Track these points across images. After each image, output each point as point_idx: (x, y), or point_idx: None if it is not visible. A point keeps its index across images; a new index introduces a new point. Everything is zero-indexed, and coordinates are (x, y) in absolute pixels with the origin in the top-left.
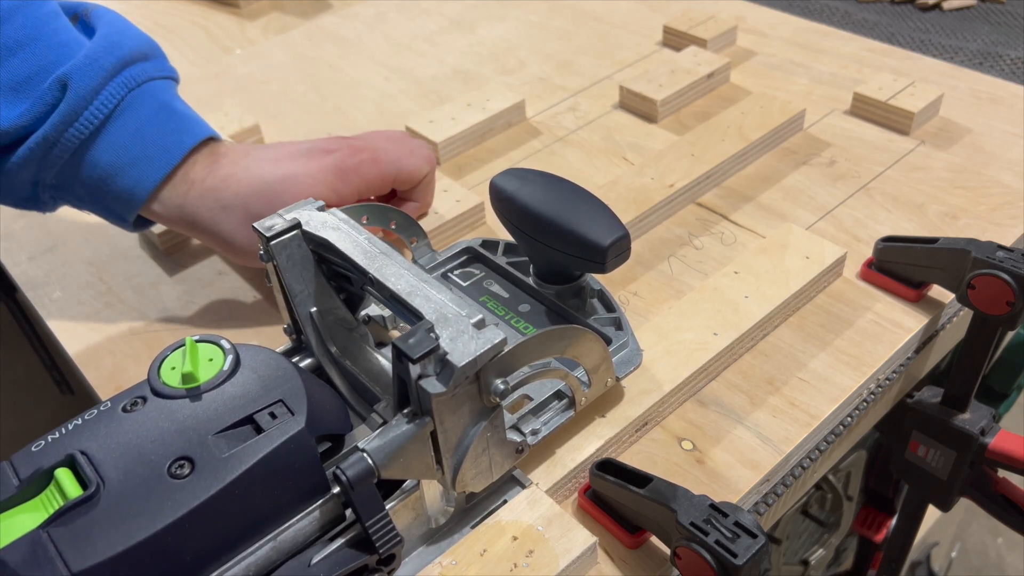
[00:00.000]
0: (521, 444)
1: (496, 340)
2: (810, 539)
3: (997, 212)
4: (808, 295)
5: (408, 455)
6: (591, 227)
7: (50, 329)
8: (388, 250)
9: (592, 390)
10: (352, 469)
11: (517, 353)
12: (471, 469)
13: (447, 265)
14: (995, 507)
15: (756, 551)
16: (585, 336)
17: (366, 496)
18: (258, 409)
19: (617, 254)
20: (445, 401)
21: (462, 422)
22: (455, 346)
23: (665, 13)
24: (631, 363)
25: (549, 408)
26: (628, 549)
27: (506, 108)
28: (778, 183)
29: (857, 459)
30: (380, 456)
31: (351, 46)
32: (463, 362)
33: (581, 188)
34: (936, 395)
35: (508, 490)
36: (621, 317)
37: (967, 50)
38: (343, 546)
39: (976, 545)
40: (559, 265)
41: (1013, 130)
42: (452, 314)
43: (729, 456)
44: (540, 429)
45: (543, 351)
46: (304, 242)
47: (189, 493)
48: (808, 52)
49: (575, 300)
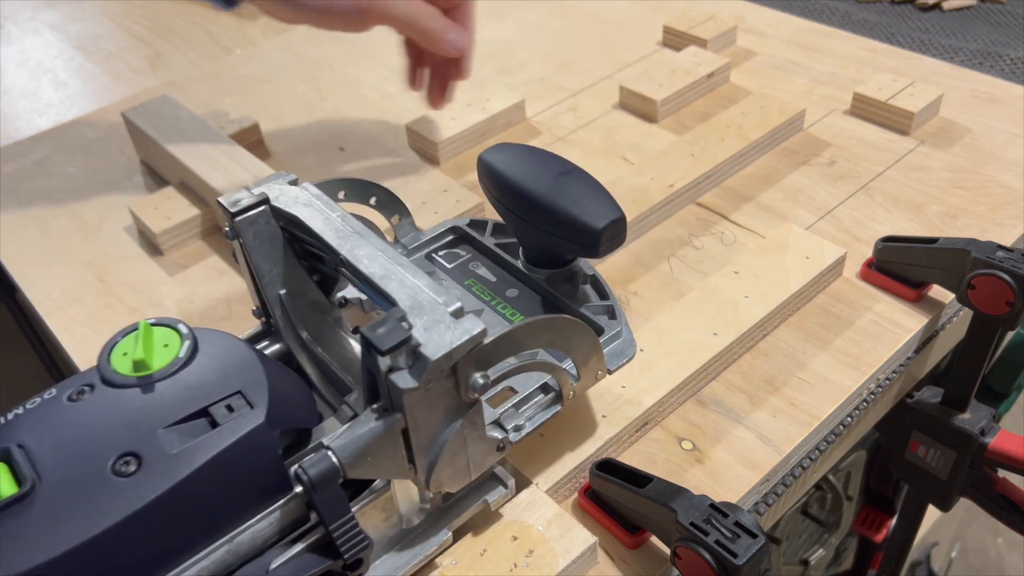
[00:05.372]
0: (502, 441)
1: (475, 331)
2: (810, 539)
3: (997, 212)
4: (808, 295)
5: (377, 454)
6: (584, 208)
7: (50, 329)
8: (362, 229)
9: (581, 384)
10: (315, 468)
11: (499, 345)
12: (447, 468)
13: (432, 245)
14: (995, 507)
15: (756, 551)
16: (574, 326)
17: (330, 497)
18: (214, 401)
19: (611, 238)
20: (418, 397)
21: (437, 419)
22: (430, 337)
23: (665, 13)
24: (624, 355)
25: (534, 402)
26: (628, 549)
27: (506, 108)
28: (778, 183)
29: (857, 459)
30: (346, 454)
31: (351, 46)
32: (437, 355)
33: (575, 166)
34: (936, 395)
35: (489, 489)
36: (615, 305)
37: (967, 50)
38: (305, 550)
39: (976, 545)
40: (549, 248)
41: (1013, 130)
42: (428, 301)
43: (729, 456)
44: (524, 425)
45: (528, 342)
46: (273, 219)
47: (133, 493)
48: (808, 52)
49: (567, 286)
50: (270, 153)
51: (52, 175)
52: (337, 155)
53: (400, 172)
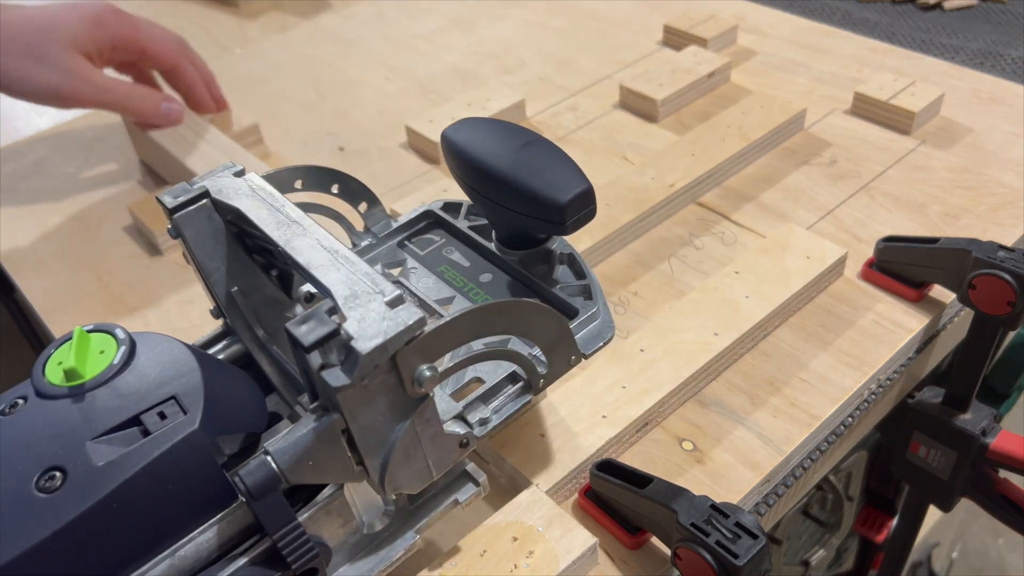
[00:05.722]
0: (465, 437)
1: (411, 321)
2: (811, 540)
3: (998, 212)
4: (809, 295)
5: (318, 457)
6: (548, 182)
7: (49, 329)
8: (303, 218)
9: (552, 371)
10: (252, 476)
11: (444, 334)
12: (402, 469)
13: (403, 233)
14: (996, 508)
15: (757, 552)
16: (532, 310)
17: (271, 505)
18: (146, 408)
19: (578, 211)
20: (354, 394)
21: (383, 416)
22: (362, 329)
23: (665, 12)
24: (601, 337)
25: (503, 393)
26: (628, 550)
27: (506, 108)
28: (779, 183)
29: (858, 459)
30: (285, 459)
31: (351, 46)
32: (369, 348)
33: (540, 137)
34: (937, 395)
35: (459, 487)
36: (592, 285)
37: (968, 50)
38: (251, 562)
39: (977, 546)
40: (518, 227)
41: (1014, 130)
42: (364, 291)
43: (730, 456)
44: (490, 418)
45: (479, 330)
46: (216, 213)
47: (57, 509)
48: (809, 52)
49: (542, 267)
50: (270, 153)
51: (51, 175)
52: (337, 155)
53: (400, 172)
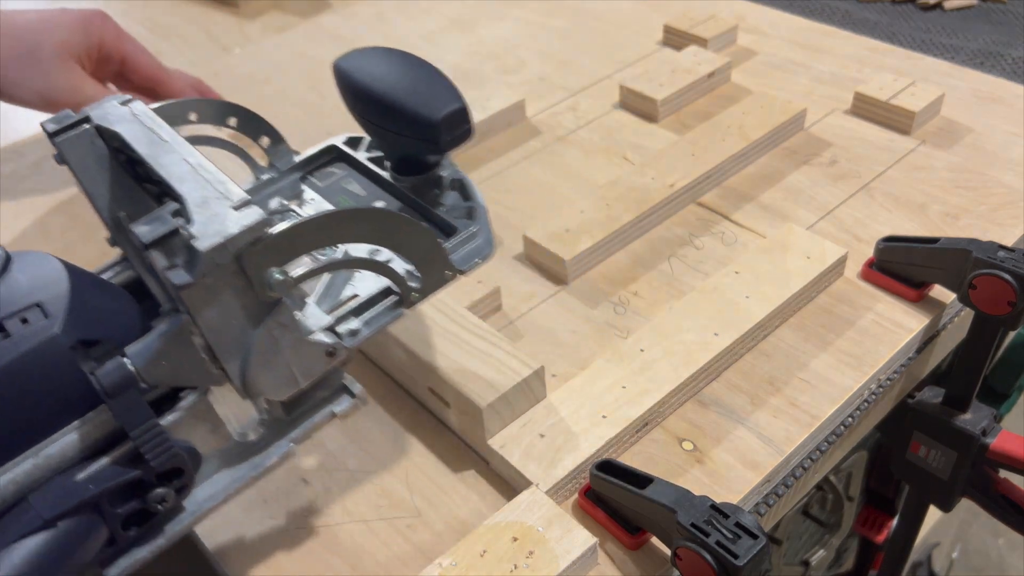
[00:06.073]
0: (332, 347)
1: (253, 221)
2: (811, 540)
3: (998, 212)
4: (809, 295)
5: (171, 357)
6: (423, 101)
7: None
8: (176, 138)
9: (426, 285)
10: (109, 375)
11: (293, 237)
12: (264, 374)
13: (306, 167)
14: (996, 508)
15: (757, 552)
16: (397, 222)
17: (128, 403)
18: (9, 314)
19: (452, 129)
20: (197, 294)
21: (234, 320)
22: (203, 229)
23: (665, 12)
24: (479, 254)
25: (378, 307)
26: (628, 550)
27: (506, 107)
28: (779, 183)
29: (858, 459)
30: (140, 360)
31: (351, 46)
32: (207, 246)
33: (424, 63)
34: (937, 395)
35: (335, 399)
36: (476, 207)
37: (968, 50)
38: (113, 461)
39: (977, 546)
40: (401, 150)
41: (1014, 130)
42: (214, 197)
43: (730, 457)
44: (360, 330)
45: (331, 236)
46: (100, 139)
47: None
48: (809, 51)
49: (432, 192)
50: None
51: (51, 175)
52: None
53: None
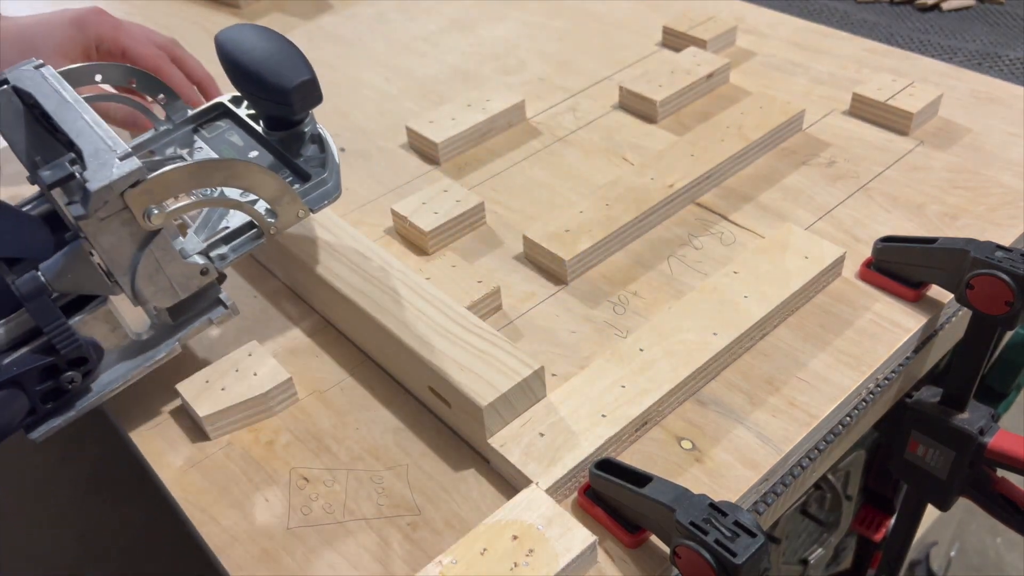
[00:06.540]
0: (204, 267)
1: (132, 169)
2: (809, 538)
3: (996, 212)
4: (807, 295)
5: (75, 271)
6: (279, 72)
7: None
8: (78, 99)
9: (281, 220)
10: (25, 284)
11: (165, 182)
12: (148, 286)
13: (197, 120)
14: (994, 506)
15: (755, 550)
16: (249, 169)
17: (41, 306)
18: None
19: (303, 96)
20: (91, 224)
21: (125, 244)
22: (94, 174)
23: (665, 13)
24: (328, 196)
25: (242, 236)
26: (628, 548)
27: (506, 108)
28: (778, 183)
29: (856, 459)
30: (50, 273)
31: (352, 46)
32: (96, 187)
33: (285, 39)
34: (935, 395)
35: (210, 310)
36: (329, 158)
37: (966, 50)
38: (32, 350)
39: (975, 544)
40: (266, 111)
41: (1012, 130)
42: (104, 149)
43: (728, 456)
44: (228, 255)
45: (198, 181)
46: (16, 97)
47: None
48: (807, 52)
49: (296, 145)
50: None
51: None
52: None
53: (400, 172)
